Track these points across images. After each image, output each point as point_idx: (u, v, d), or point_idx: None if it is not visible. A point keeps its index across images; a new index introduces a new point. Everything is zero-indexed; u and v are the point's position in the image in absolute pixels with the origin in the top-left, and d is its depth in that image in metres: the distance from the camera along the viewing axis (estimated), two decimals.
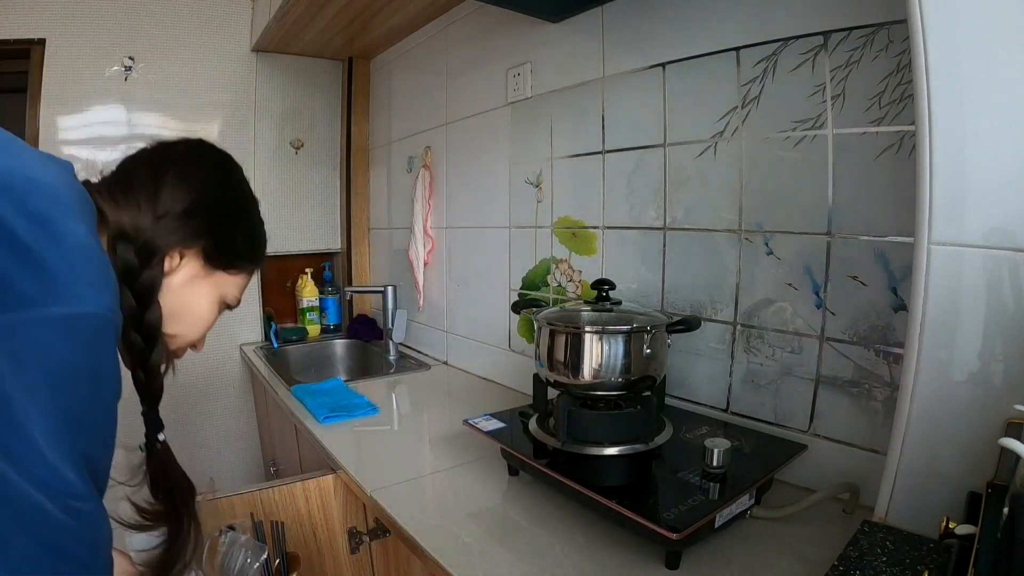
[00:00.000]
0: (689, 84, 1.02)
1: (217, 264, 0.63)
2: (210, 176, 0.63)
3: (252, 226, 0.69)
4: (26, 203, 0.40)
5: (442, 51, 1.74)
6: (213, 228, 0.61)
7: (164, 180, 0.58)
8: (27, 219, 0.39)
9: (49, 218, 0.41)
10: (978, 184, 0.60)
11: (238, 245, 0.65)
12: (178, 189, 0.58)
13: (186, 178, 0.60)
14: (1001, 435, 0.42)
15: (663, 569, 0.70)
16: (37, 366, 0.38)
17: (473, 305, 1.67)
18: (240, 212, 0.67)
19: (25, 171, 0.43)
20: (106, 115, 1.89)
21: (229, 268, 0.64)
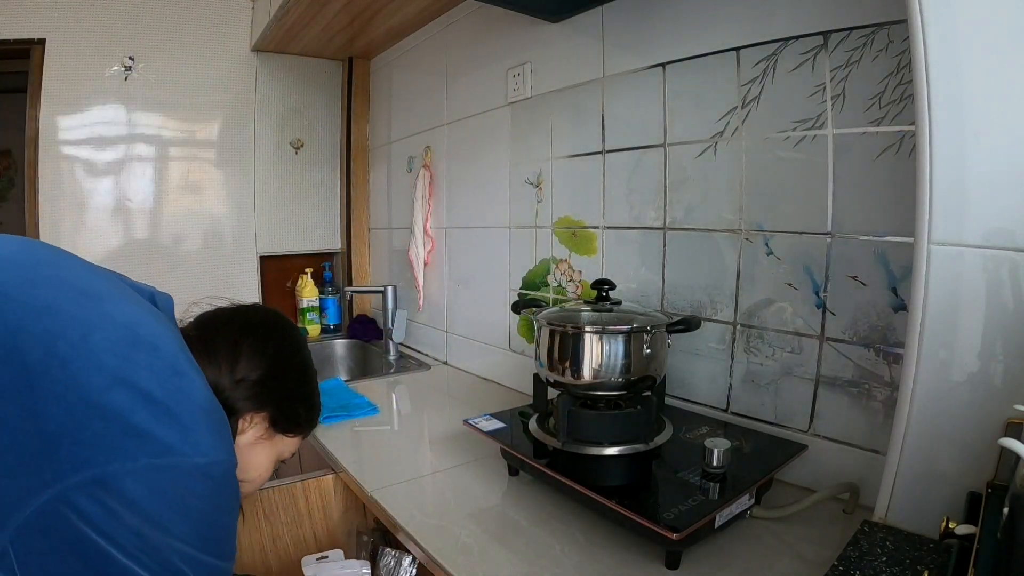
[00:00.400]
0: (689, 84, 1.02)
1: (280, 429, 0.68)
2: (282, 350, 0.69)
3: (312, 396, 0.74)
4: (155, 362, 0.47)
5: (442, 51, 1.74)
6: (281, 398, 0.67)
7: (243, 347, 0.64)
8: (158, 379, 0.46)
9: (178, 374, 0.48)
10: (978, 184, 0.60)
11: (300, 414, 0.71)
12: (254, 359, 0.64)
13: (262, 350, 0.65)
14: (1001, 435, 0.42)
15: (663, 569, 0.70)
16: (180, 503, 0.45)
17: (473, 305, 1.67)
18: (303, 384, 0.72)
19: (150, 329, 0.50)
20: (106, 115, 1.89)
21: (288, 433, 0.70)
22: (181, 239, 2.06)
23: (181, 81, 1.99)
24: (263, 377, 0.64)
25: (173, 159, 2.02)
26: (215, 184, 2.10)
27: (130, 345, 0.47)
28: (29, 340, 0.43)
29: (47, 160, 1.82)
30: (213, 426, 0.49)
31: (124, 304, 0.51)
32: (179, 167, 2.04)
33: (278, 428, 0.68)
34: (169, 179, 2.02)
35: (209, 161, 2.09)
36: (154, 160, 1.99)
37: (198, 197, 2.08)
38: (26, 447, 0.41)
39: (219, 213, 2.12)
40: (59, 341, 0.44)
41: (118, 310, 0.50)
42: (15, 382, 0.42)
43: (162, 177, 2.01)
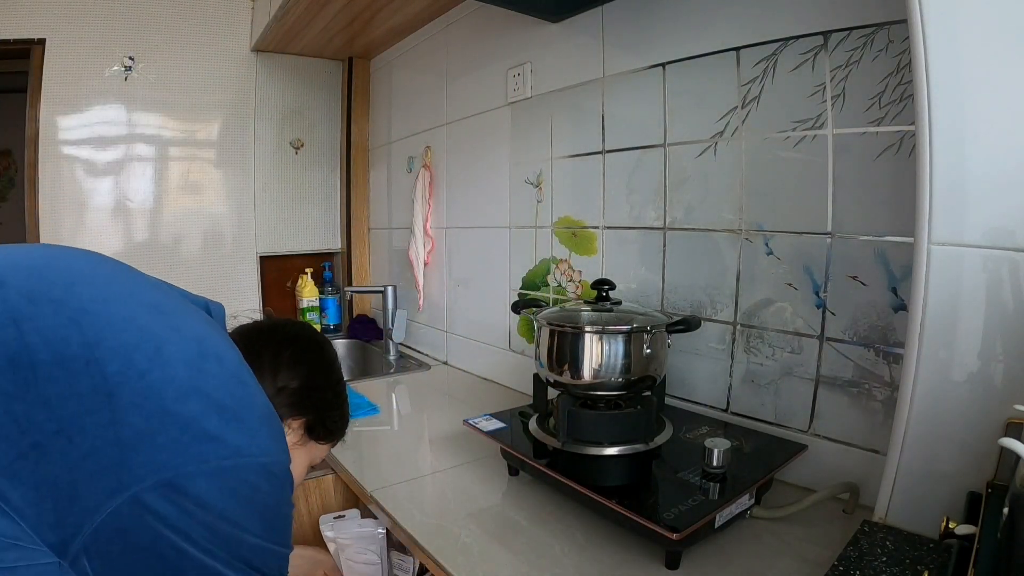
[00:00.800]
0: (689, 84, 1.02)
1: (314, 436, 0.73)
2: (319, 362, 0.74)
3: (344, 406, 0.78)
4: (222, 373, 0.52)
5: (442, 51, 1.74)
6: (317, 406, 0.72)
7: (283, 358, 0.69)
8: (226, 389, 0.51)
9: (242, 383, 0.53)
10: (978, 184, 0.60)
11: (334, 422, 0.75)
12: (294, 369, 0.69)
13: (301, 360, 0.71)
14: (1001, 435, 0.42)
15: (663, 569, 0.70)
16: (248, 499, 0.49)
17: (473, 305, 1.67)
18: (337, 395, 0.76)
19: (214, 342, 0.54)
20: (106, 115, 1.89)
21: (322, 440, 0.75)
22: (181, 239, 2.06)
23: (181, 81, 1.99)
24: (302, 386, 0.69)
25: (173, 159, 2.02)
26: (215, 184, 2.10)
27: (199, 357, 0.51)
28: (108, 352, 0.46)
29: (47, 160, 1.82)
30: (272, 430, 0.54)
31: (189, 318, 0.55)
32: (179, 167, 2.04)
33: (313, 435, 0.73)
34: (169, 179, 2.02)
35: (209, 161, 2.09)
36: (154, 160, 1.99)
37: (198, 197, 2.08)
38: (104, 453, 0.44)
39: (219, 213, 2.12)
40: (136, 353, 0.47)
41: (185, 324, 0.54)
42: (95, 392, 0.45)
43: (162, 177, 2.01)
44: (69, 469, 0.43)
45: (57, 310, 0.48)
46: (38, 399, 0.44)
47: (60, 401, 0.44)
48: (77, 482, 0.43)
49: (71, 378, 0.45)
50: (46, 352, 0.45)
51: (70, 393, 0.44)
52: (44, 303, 0.48)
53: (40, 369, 0.44)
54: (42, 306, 0.47)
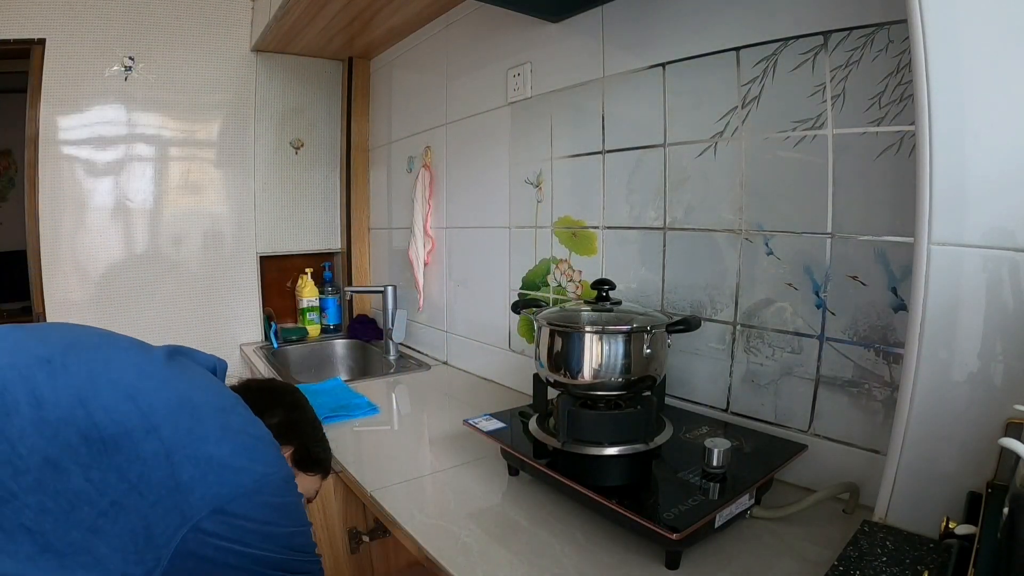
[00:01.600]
0: (689, 84, 1.02)
1: (303, 466, 0.84)
2: (293, 404, 0.89)
3: (322, 441, 0.91)
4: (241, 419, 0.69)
5: (442, 51, 1.74)
6: (300, 437, 0.85)
7: (263, 404, 0.81)
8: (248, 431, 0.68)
9: (255, 423, 0.70)
10: (978, 184, 0.60)
11: (318, 452, 0.88)
12: (274, 409, 0.83)
13: (278, 404, 0.85)
14: (1001, 435, 0.42)
15: (663, 569, 0.70)
16: (276, 505, 0.65)
17: (473, 305, 1.67)
18: (315, 429, 0.90)
19: (228, 396, 0.71)
20: (106, 115, 1.89)
21: (308, 470, 0.86)
22: (181, 239, 2.06)
23: (181, 81, 1.99)
24: (283, 421, 0.83)
25: (173, 159, 2.02)
26: (215, 184, 2.10)
27: (222, 412, 0.67)
28: (161, 419, 0.60)
29: (47, 160, 1.82)
30: (278, 452, 0.69)
31: (204, 379, 0.71)
32: (179, 167, 2.04)
33: (301, 465, 0.84)
34: (169, 179, 2.02)
35: (209, 161, 2.09)
36: (154, 160, 1.99)
37: (198, 197, 2.08)
38: (169, 499, 0.56)
39: (219, 213, 2.12)
40: (180, 415, 0.61)
41: (205, 384, 0.70)
42: (156, 455, 0.57)
43: (162, 177, 2.01)
44: (143, 516, 0.55)
45: (114, 389, 0.60)
46: (111, 466, 0.55)
47: (128, 464, 0.56)
48: (151, 525, 0.55)
49: (135, 446, 0.57)
50: (112, 427, 0.56)
51: (135, 457, 0.56)
52: (103, 384, 0.60)
53: (109, 442, 0.56)
54: (101, 387, 0.59)
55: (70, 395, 0.57)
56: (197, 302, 2.08)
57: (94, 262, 1.92)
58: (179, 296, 2.05)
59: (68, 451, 0.54)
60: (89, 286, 1.91)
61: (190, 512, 0.57)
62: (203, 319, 2.07)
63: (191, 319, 2.05)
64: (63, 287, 1.87)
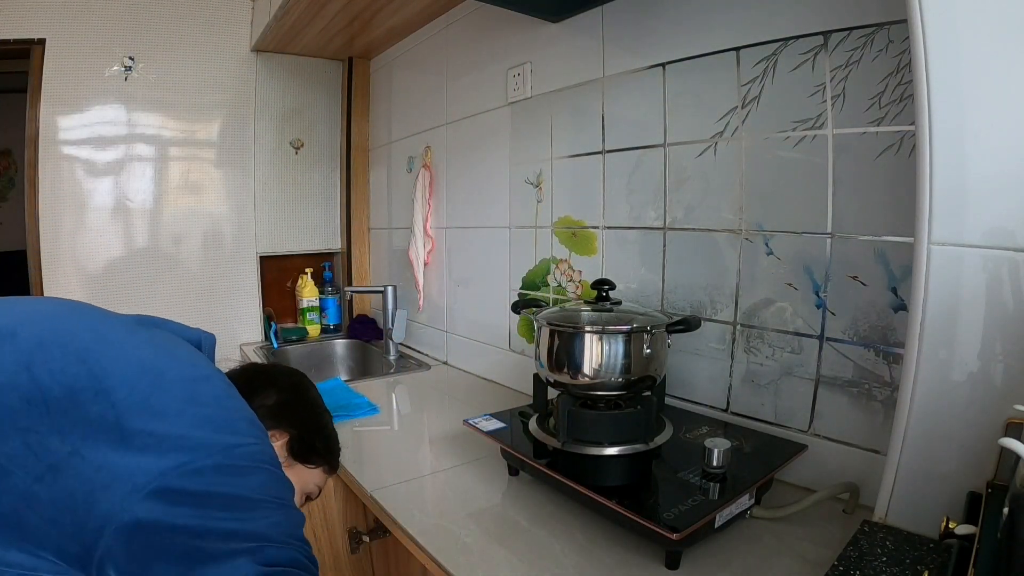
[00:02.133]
0: (689, 84, 1.02)
1: (298, 456, 0.78)
2: (293, 386, 0.82)
3: (326, 429, 0.85)
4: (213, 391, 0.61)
5: (442, 51, 1.74)
6: (296, 423, 0.78)
7: (256, 385, 0.77)
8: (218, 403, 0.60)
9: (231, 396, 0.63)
10: (978, 184, 0.60)
11: (316, 441, 0.81)
12: (267, 390, 0.77)
13: (273, 385, 0.79)
14: (1001, 435, 0.42)
15: (663, 569, 0.70)
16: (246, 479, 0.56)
17: (473, 305, 1.67)
18: (315, 416, 0.84)
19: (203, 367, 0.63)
20: (106, 115, 1.89)
21: (308, 462, 0.80)
22: (181, 239, 2.06)
23: (181, 81, 1.99)
24: (278, 403, 0.77)
25: (173, 159, 2.02)
26: (215, 184, 2.10)
27: (192, 380, 0.60)
28: (115, 382, 0.54)
29: (47, 160, 1.82)
30: (258, 429, 0.62)
31: (181, 350, 0.65)
32: (179, 167, 2.03)
33: (297, 455, 0.78)
34: (169, 179, 2.02)
35: (209, 161, 2.09)
36: (154, 160, 1.99)
37: (198, 197, 2.08)
38: (117, 464, 0.50)
39: (219, 213, 2.12)
40: (140, 382, 0.55)
41: (179, 354, 0.63)
42: (103, 417, 0.52)
43: (162, 177, 2.01)
44: (84, 481, 0.49)
45: (64, 352, 0.54)
46: (52, 428, 0.50)
47: (71, 427, 0.50)
48: (93, 491, 0.49)
49: (81, 407, 0.51)
50: (57, 388, 0.51)
51: (80, 419, 0.51)
52: (53, 347, 0.54)
53: (52, 403, 0.51)
54: (51, 350, 0.54)
55: (15, 360, 0.52)
56: (197, 302, 2.08)
57: (94, 262, 1.92)
58: (179, 296, 2.05)
59: (7, 414, 0.50)
60: (89, 286, 1.91)
61: (141, 481, 0.49)
62: (203, 319, 2.07)
63: (191, 319, 2.02)
64: (63, 287, 1.87)
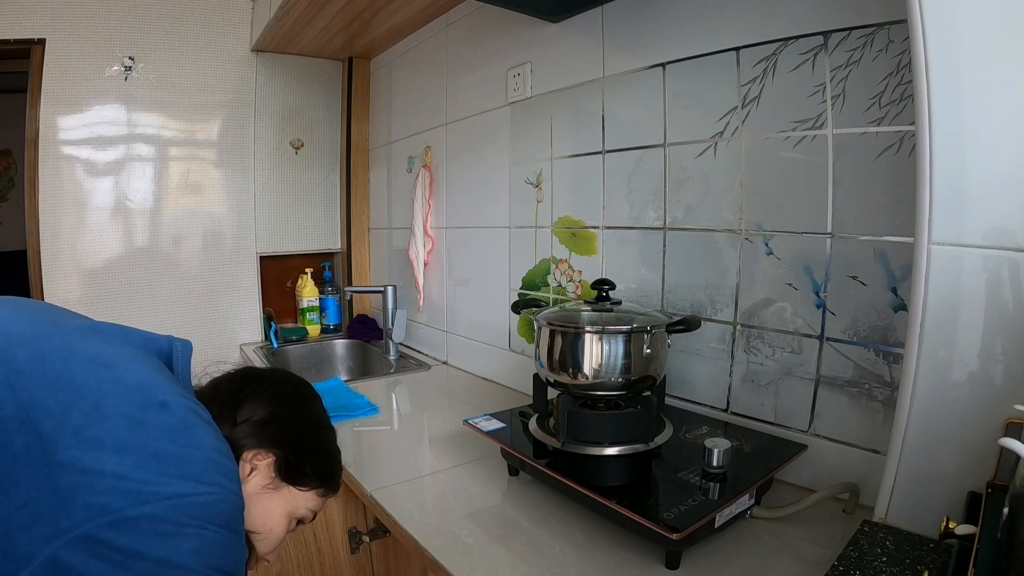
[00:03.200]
0: (689, 84, 1.02)
1: (287, 478, 0.67)
2: (287, 397, 0.71)
3: (323, 448, 0.74)
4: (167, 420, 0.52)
5: (442, 51, 1.74)
6: (285, 442, 0.67)
7: (245, 393, 0.67)
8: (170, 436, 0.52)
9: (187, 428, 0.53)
10: (978, 184, 0.60)
11: (306, 462, 0.69)
12: (257, 402, 0.67)
13: (264, 395, 0.68)
14: (1001, 435, 0.42)
15: (663, 569, 0.70)
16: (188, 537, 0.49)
17: (473, 305, 1.67)
18: (312, 433, 0.72)
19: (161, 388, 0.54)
20: (106, 115, 1.89)
21: (298, 483, 0.69)
22: (181, 239, 2.06)
23: (181, 81, 1.99)
24: (266, 418, 0.66)
25: (173, 159, 2.02)
26: (215, 184, 2.10)
27: (142, 407, 0.51)
28: (42, 412, 0.48)
29: (47, 160, 1.82)
30: (222, 468, 0.54)
31: (135, 366, 0.55)
32: (179, 167, 2.04)
33: (285, 476, 0.67)
34: (169, 179, 2.02)
35: (209, 161, 2.09)
36: (154, 160, 1.99)
37: (198, 197, 2.08)
38: (40, 502, 0.46)
39: (219, 213, 2.12)
40: (72, 411, 0.49)
41: (129, 373, 0.54)
42: (28, 450, 0.47)
43: (162, 177, 2.01)
44: (4, 520, 0.45)
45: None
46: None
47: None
48: (13, 531, 0.45)
49: (5, 438, 0.46)
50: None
51: (4, 452, 0.46)
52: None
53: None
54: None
55: None
56: (197, 302, 2.08)
57: (94, 262, 1.92)
58: (179, 296, 2.05)
59: None
60: (89, 286, 1.91)
61: (68, 523, 0.45)
62: (203, 319, 2.07)
63: (191, 319, 2.05)
64: (63, 287, 1.87)
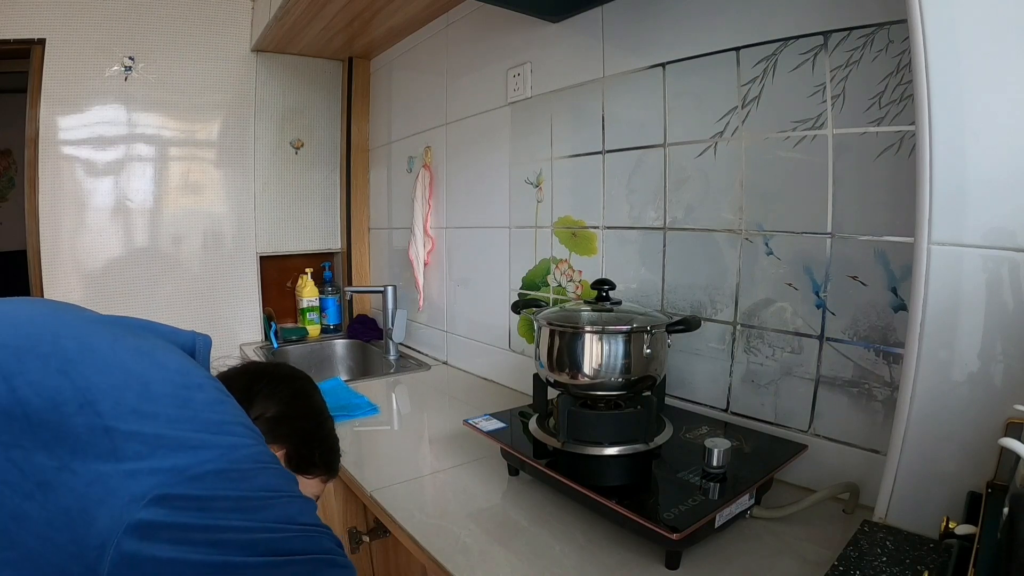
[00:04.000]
0: (689, 84, 1.02)
1: (296, 468, 0.73)
2: (295, 394, 0.77)
3: (328, 438, 0.80)
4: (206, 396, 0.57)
5: (442, 51, 1.74)
6: (295, 436, 0.73)
7: (256, 389, 0.72)
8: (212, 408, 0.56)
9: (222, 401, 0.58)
10: (978, 184, 0.60)
11: (315, 453, 0.76)
12: (268, 400, 0.72)
13: (275, 393, 0.74)
14: (1001, 435, 0.42)
15: (663, 569, 0.70)
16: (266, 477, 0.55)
17: (473, 305, 1.67)
18: (319, 426, 0.79)
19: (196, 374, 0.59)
20: (106, 115, 1.89)
21: (306, 474, 0.75)
22: (181, 239, 2.06)
23: (181, 81, 1.99)
24: (278, 415, 0.72)
25: (173, 159, 2.02)
26: (215, 184, 2.10)
27: (184, 388, 0.56)
28: (99, 393, 0.50)
29: (47, 160, 1.82)
30: (255, 433, 0.58)
31: (171, 354, 0.60)
32: (179, 167, 2.04)
33: (295, 467, 0.73)
34: (169, 179, 2.02)
35: (209, 161, 2.09)
36: (154, 160, 1.99)
37: (198, 197, 2.08)
38: (110, 476, 0.47)
39: (219, 213, 2.12)
40: (126, 392, 0.52)
41: (168, 359, 0.58)
42: (91, 430, 0.49)
43: (162, 177, 2.01)
44: (78, 497, 0.46)
45: (45, 364, 0.51)
46: (36, 443, 0.47)
47: (58, 441, 0.47)
48: (88, 507, 0.46)
49: (66, 420, 0.48)
50: (38, 401, 0.48)
51: (67, 432, 0.48)
52: (31, 358, 0.51)
53: (34, 417, 0.48)
54: (29, 361, 0.50)
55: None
56: (197, 302, 2.08)
57: (94, 262, 1.92)
58: (179, 296, 2.05)
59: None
60: (89, 286, 1.91)
61: (138, 491, 0.47)
62: (203, 319, 2.07)
63: (191, 319, 2.05)
64: (63, 287, 1.87)
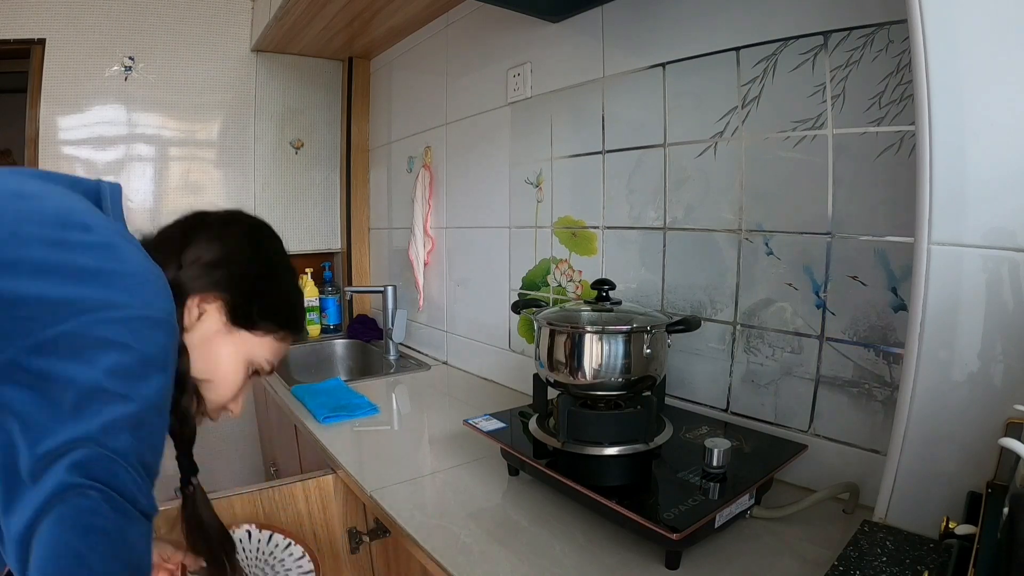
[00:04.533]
0: (689, 84, 1.02)
1: (240, 322, 0.64)
2: (240, 238, 0.67)
3: (280, 290, 0.70)
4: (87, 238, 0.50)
5: (442, 51, 1.74)
6: (236, 284, 0.63)
7: (195, 234, 0.64)
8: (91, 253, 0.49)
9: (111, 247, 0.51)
10: (978, 184, 0.60)
11: (262, 305, 0.66)
12: (210, 243, 0.63)
13: (216, 237, 0.64)
14: (1001, 435, 0.42)
15: (663, 569, 0.70)
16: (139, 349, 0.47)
17: (473, 305, 1.67)
18: (267, 274, 0.68)
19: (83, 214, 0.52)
20: (106, 115, 1.89)
21: (253, 328, 0.65)
22: None
23: (181, 81, 1.99)
24: (217, 260, 0.63)
25: (173, 159, 2.02)
26: (215, 184, 2.10)
27: (60, 227, 0.49)
28: None
29: (47, 160, 1.82)
30: (150, 288, 0.51)
31: (58, 198, 0.53)
32: (179, 167, 2.04)
33: (237, 320, 0.64)
34: (169, 179, 2.02)
35: (209, 161, 2.09)
36: (154, 160, 1.99)
37: (198, 197, 2.08)
38: None
39: None
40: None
41: (50, 203, 0.52)
42: None
43: (162, 177, 2.01)
44: None
45: None
46: None
47: None
48: None
49: None
50: None
51: None
52: None
53: None
54: None
55: None
56: None
57: None
58: None
59: None
60: None
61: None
62: None
63: None
64: None
